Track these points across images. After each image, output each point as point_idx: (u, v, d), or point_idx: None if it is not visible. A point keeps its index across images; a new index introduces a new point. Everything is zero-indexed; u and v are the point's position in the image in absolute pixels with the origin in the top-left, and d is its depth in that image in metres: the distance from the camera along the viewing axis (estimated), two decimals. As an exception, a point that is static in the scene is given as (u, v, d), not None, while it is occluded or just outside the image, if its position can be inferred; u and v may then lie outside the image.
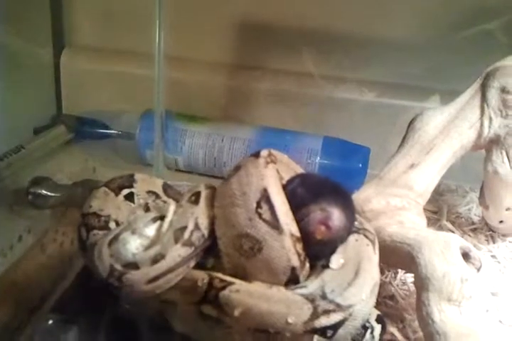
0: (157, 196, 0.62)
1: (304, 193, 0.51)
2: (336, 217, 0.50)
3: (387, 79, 1.04)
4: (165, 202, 0.62)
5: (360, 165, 0.99)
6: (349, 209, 0.52)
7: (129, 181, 0.62)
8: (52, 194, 0.89)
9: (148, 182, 0.63)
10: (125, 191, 0.61)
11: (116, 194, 0.60)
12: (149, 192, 0.62)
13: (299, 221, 0.49)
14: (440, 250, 0.54)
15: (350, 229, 0.52)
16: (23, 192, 0.88)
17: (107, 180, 0.61)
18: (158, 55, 0.83)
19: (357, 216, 0.54)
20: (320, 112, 1.06)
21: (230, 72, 1.10)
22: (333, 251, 0.51)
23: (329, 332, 0.47)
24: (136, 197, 0.61)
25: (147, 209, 0.61)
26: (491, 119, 0.67)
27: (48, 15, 1.09)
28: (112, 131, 1.12)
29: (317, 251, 0.50)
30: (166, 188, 0.63)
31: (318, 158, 0.99)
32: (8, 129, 0.98)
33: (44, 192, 0.89)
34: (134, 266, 0.49)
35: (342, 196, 0.52)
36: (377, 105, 1.03)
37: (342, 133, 1.01)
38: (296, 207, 0.50)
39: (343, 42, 1.02)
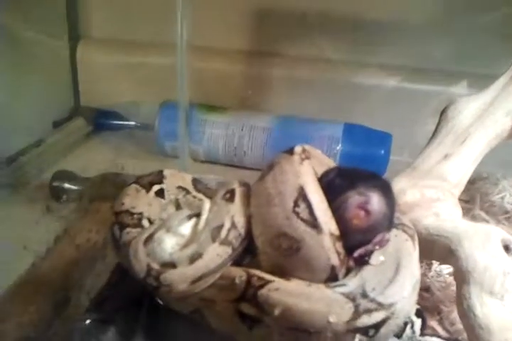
0: (187, 191, 0.62)
1: (341, 182, 0.50)
2: (375, 201, 0.48)
3: (408, 63, 1.02)
4: (195, 197, 0.62)
5: (383, 151, 0.98)
6: (389, 196, 0.50)
7: (159, 177, 0.61)
8: (76, 187, 0.88)
9: (178, 178, 0.62)
10: (155, 187, 0.60)
11: (147, 190, 0.60)
12: (179, 187, 0.62)
13: (337, 209, 0.48)
14: (481, 243, 0.53)
15: (390, 217, 0.50)
16: (46, 187, 0.87)
17: (137, 177, 0.61)
18: (180, 45, 0.81)
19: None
20: (341, 98, 1.04)
21: (248, 59, 1.09)
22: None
23: (371, 331, 0.46)
24: (166, 193, 0.61)
25: (178, 205, 0.61)
26: (526, 106, 0.65)
27: (63, 8, 1.09)
28: (131, 123, 1.12)
29: (356, 241, 0.49)
30: (196, 183, 0.63)
31: (340, 145, 0.98)
32: (27, 123, 0.98)
33: (67, 185, 0.89)
34: (171, 265, 0.48)
35: (381, 182, 0.51)
36: (399, 90, 1.02)
37: (363, 120, 1.00)
38: (334, 197, 0.49)
39: (364, 27, 1.00)
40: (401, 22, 0.99)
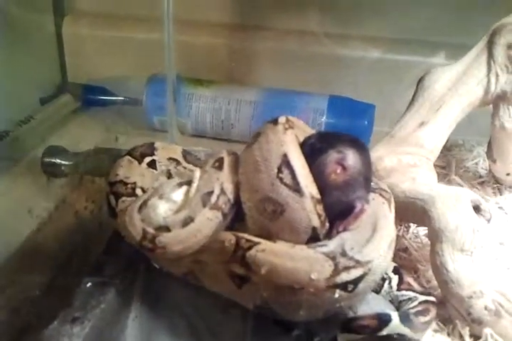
0: (178, 162, 0.65)
1: (320, 145, 0.54)
2: (351, 157, 0.53)
3: (390, 35, 1.04)
4: (185, 168, 0.65)
5: (366, 122, 1.01)
6: (364, 155, 0.54)
7: (151, 149, 0.64)
8: (67, 162, 0.90)
9: (169, 150, 0.65)
10: (147, 159, 0.64)
11: (140, 162, 0.63)
12: (170, 159, 0.65)
13: (317, 168, 0.52)
14: (452, 204, 0.57)
15: (365, 174, 0.54)
16: (37, 162, 0.89)
17: (129, 149, 0.63)
18: (167, 19, 0.82)
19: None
20: (325, 71, 1.06)
21: (234, 33, 1.09)
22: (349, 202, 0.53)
23: (350, 287, 0.50)
24: (158, 165, 0.64)
25: (169, 175, 0.64)
26: (497, 76, 0.68)
27: (46, -19, 1.08)
28: (119, 98, 1.12)
29: (335, 199, 0.52)
30: (186, 155, 0.66)
31: (325, 117, 1.01)
32: (14, 100, 0.98)
33: (58, 161, 0.90)
34: (165, 228, 0.52)
35: (358, 143, 0.55)
36: (382, 62, 1.04)
37: (347, 91, 1.02)
38: (315, 158, 0.53)
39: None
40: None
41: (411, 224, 0.70)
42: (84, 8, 1.14)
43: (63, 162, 0.90)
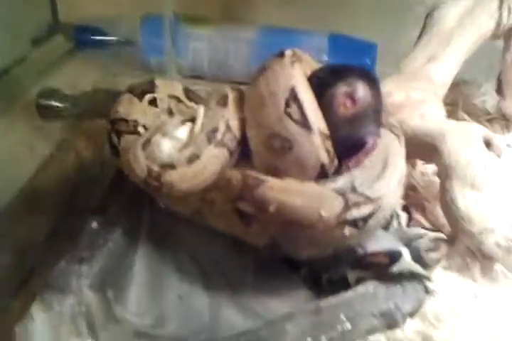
0: (179, 100, 0.63)
1: (329, 78, 0.52)
2: (361, 90, 0.51)
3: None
4: (187, 105, 0.63)
5: (368, 61, 0.98)
6: (375, 88, 0.52)
7: (151, 86, 0.62)
8: (62, 105, 0.88)
9: (169, 87, 0.63)
10: (148, 96, 0.62)
11: (140, 99, 0.61)
12: (171, 96, 0.63)
13: (326, 101, 0.50)
14: (463, 139, 0.56)
15: (375, 108, 0.52)
16: (32, 105, 0.87)
17: (129, 86, 0.61)
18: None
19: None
20: (325, 9, 1.02)
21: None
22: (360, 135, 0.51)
23: (360, 223, 0.49)
24: (159, 102, 0.62)
25: (171, 113, 0.62)
26: (510, 9, 0.66)
27: None
28: (113, 38, 1.08)
29: (344, 133, 0.51)
30: (187, 92, 0.64)
31: (325, 56, 0.98)
32: (5, 41, 0.95)
33: (54, 103, 0.88)
34: (170, 166, 0.51)
35: (368, 75, 0.53)
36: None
37: (348, 30, 0.99)
38: (324, 91, 0.51)
39: None
40: None
41: (418, 162, 0.69)
42: None
43: (58, 104, 0.88)
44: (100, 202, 0.59)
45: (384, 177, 0.50)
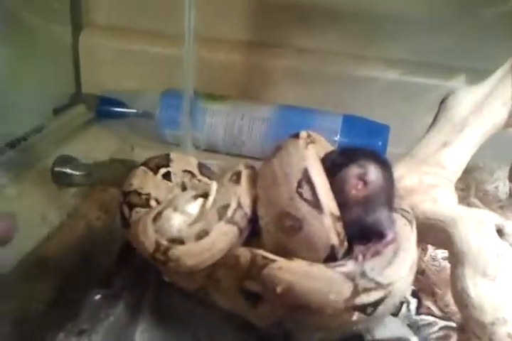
0: (192, 175, 0.64)
1: (342, 159, 0.53)
2: (373, 172, 0.51)
3: (409, 57, 1.04)
4: (200, 180, 0.64)
5: (380, 143, 0.99)
6: (387, 171, 0.53)
7: (166, 160, 0.63)
8: (77, 173, 0.89)
9: (184, 162, 0.64)
10: (162, 170, 0.63)
11: (155, 173, 0.62)
12: (185, 171, 0.64)
13: (337, 182, 0.51)
14: (475, 226, 0.55)
15: (387, 191, 0.52)
16: (47, 172, 0.88)
17: (145, 160, 0.62)
18: (188, 35, 0.82)
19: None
20: (341, 90, 1.06)
21: (249, 49, 1.10)
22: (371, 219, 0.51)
23: (369, 309, 0.48)
24: (173, 176, 0.63)
25: (184, 187, 0.62)
26: (524, 98, 0.67)
27: (66, -6, 1.09)
28: (132, 110, 1.12)
29: (355, 216, 0.51)
30: (201, 167, 0.65)
31: (338, 136, 1.00)
32: (28, 109, 0.98)
33: (69, 171, 0.89)
34: (179, 241, 0.51)
35: (380, 158, 0.53)
36: (398, 83, 1.03)
37: (362, 112, 1.01)
38: (335, 173, 0.51)
39: (366, 20, 1.01)
40: (403, 15, 1.00)
41: (429, 247, 0.68)
42: (101, 21, 1.15)
43: (74, 172, 0.90)
44: (106, 274, 0.59)
45: (395, 263, 0.49)
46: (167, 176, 0.62)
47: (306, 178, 0.49)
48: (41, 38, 1.00)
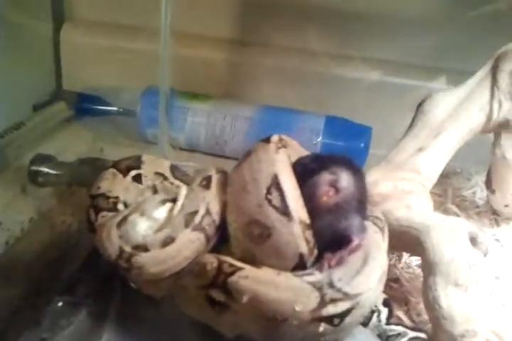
0: (164, 178, 0.62)
1: (313, 165, 0.51)
2: (345, 179, 0.50)
3: (392, 57, 1.02)
4: (172, 183, 0.62)
5: (363, 144, 0.99)
6: (359, 178, 0.51)
7: (137, 162, 0.62)
8: (54, 172, 0.87)
9: (156, 164, 0.63)
10: (133, 172, 0.61)
11: (124, 175, 0.60)
12: (157, 173, 0.62)
13: (308, 189, 0.49)
14: (448, 235, 0.54)
15: (359, 199, 0.51)
16: (24, 170, 0.87)
17: (115, 161, 0.61)
18: (164, 31, 0.81)
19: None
20: (323, 90, 1.04)
21: (232, 48, 1.08)
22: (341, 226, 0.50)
23: (336, 321, 0.47)
24: (144, 179, 0.61)
25: (155, 190, 0.61)
26: (500, 103, 0.66)
27: (46, -11, 1.07)
28: (113, 108, 1.10)
29: (325, 223, 0.50)
30: (174, 170, 0.63)
31: (321, 137, 0.99)
32: (7, 106, 0.96)
33: (46, 169, 0.87)
34: (143, 248, 0.49)
35: (353, 165, 0.52)
36: (381, 84, 1.02)
37: (345, 112, 1.00)
38: (306, 180, 0.50)
39: (350, 20, 1.00)
40: (387, 16, 0.99)
41: (403, 254, 0.68)
42: (83, 16, 1.12)
43: (50, 171, 0.87)
44: (69, 281, 0.57)
45: (364, 273, 0.48)
46: (138, 179, 0.61)
47: (276, 184, 0.48)
48: (21, 32, 0.98)
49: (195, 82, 1.04)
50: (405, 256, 0.68)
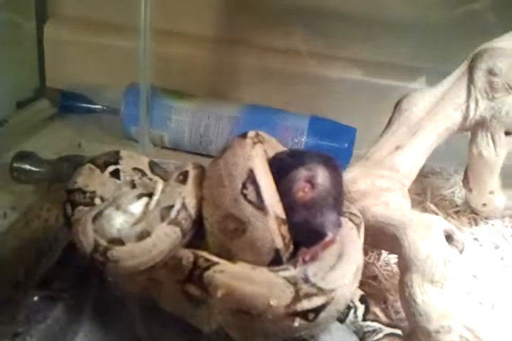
0: (143, 173, 0.62)
1: (290, 161, 0.51)
2: (321, 175, 0.50)
3: (374, 58, 1.03)
4: (151, 179, 0.62)
5: (346, 145, 0.99)
6: (335, 175, 0.51)
7: (115, 158, 0.61)
8: (37, 169, 0.87)
9: (135, 160, 0.63)
10: (111, 168, 0.61)
11: (102, 170, 0.60)
12: (135, 169, 0.62)
13: (284, 185, 0.49)
14: (424, 232, 0.55)
15: (335, 195, 0.51)
16: (6, 167, 0.86)
17: (93, 157, 0.61)
18: (143, 28, 0.81)
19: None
20: (307, 90, 1.05)
21: (216, 46, 1.08)
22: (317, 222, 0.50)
23: (311, 316, 0.47)
24: (121, 174, 0.61)
25: (133, 186, 0.61)
26: (477, 101, 0.67)
27: (29, -14, 1.06)
28: (97, 106, 1.10)
29: (301, 219, 0.50)
30: (153, 166, 0.63)
31: (305, 137, 0.99)
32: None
33: (28, 167, 0.87)
34: (119, 242, 0.49)
35: (330, 161, 0.52)
36: (363, 84, 1.03)
37: (328, 112, 1.01)
38: (283, 175, 0.50)
39: (331, 20, 1.01)
40: (369, 16, 1.00)
41: (382, 251, 0.68)
42: (66, 13, 1.12)
43: (32, 168, 0.87)
44: (45, 275, 0.57)
45: (338, 268, 0.48)
46: (115, 174, 0.61)
47: (251, 179, 0.48)
48: (5, 29, 0.98)
49: (180, 81, 1.04)
50: (384, 254, 0.68)
